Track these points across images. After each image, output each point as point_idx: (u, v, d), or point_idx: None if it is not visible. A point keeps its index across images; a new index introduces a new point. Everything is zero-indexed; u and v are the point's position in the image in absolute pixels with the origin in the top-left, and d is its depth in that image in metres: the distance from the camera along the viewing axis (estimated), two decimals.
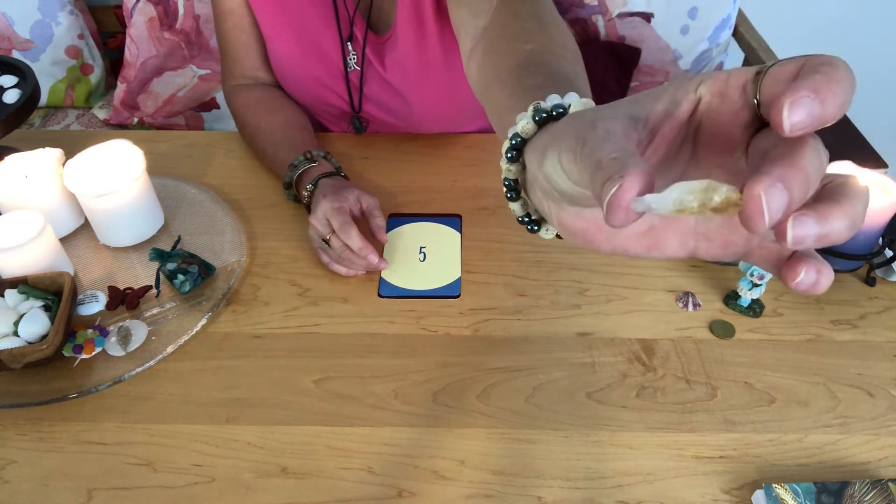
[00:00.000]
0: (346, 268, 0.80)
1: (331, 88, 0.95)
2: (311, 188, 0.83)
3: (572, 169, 0.29)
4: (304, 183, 0.84)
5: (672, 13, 1.49)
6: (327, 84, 0.95)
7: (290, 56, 0.94)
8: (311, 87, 0.96)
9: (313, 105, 1.00)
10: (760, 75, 0.27)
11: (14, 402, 0.67)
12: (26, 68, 0.94)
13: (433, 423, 0.66)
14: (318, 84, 0.95)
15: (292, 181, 0.86)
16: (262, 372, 0.70)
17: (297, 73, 0.96)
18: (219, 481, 0.62)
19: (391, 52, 0.91)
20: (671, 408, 0.67)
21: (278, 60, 0.96)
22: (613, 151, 0.27)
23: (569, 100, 0.36)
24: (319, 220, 0.79)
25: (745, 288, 0.74)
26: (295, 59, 0.94)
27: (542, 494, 0.60)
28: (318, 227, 0.79)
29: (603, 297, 0.78)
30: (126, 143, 0.83)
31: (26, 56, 1.55)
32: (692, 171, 0.31)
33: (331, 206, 0.79)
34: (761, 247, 0.30)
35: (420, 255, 0.83)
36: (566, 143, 0.30)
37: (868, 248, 0.76)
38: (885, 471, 0.62)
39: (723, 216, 0.29)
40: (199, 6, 1.50)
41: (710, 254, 0.31)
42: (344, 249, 0.78)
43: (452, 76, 0.91)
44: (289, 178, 0.86)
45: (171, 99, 1.56)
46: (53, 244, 0.76)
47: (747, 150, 0.29)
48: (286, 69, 0.96)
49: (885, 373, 0.70)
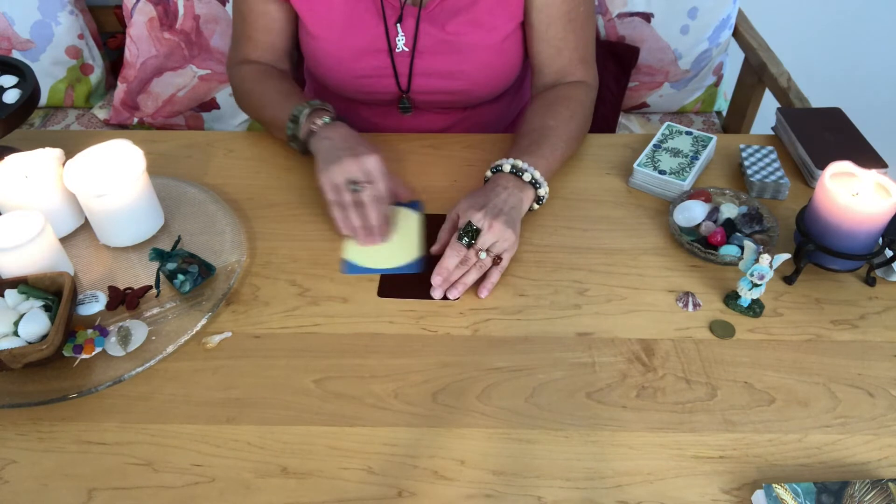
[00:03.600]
0: (364, 234, 0.83)
1: (377, 74, 0.98)
2: (328, 120, 0.88)
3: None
4: (317, 117, 0.89)
5: (672, 13, 1.49)
6: (374, 70, 0.97)
7: (338, 51, 0.97)
8: (356, 77, 0.98)
9: (358, 96, 1.02)
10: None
11: (14, 402, 0.67)
12: (26, 68, 0.94)
13: (433, 423, 0.66)
14: (365, 73, 0.98)
15: (301, 114, 0.89)
16: (262, 372, 0.70)
17: (344, 67, 0.98)
18: (219, 481, 0.62)
19: (447, 13, 0.95)
20: (671, 408, 0.67)
21: (325, 58, 0.98)
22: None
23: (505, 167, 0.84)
24: (354, 165, 0.81)
25: (745, 288, 0.74)
26: (342, 54, 0.96)
27: (542, 494, 0.60)
28: (352, 168, 0.81)
29: (603, 297, 0.78)
30: (126, 143, 0.83)
31: (26, 56, 1.55)
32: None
33: (368, 152, 0.82)
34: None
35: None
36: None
37: (868, 248, 0.76)
38: (885, 471, 0.62)
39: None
40: (199, 6, 1.50)
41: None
42: (372, 207, 0.82)
43: (501, 25, 0.95)
44: (299, 110, 0.89)
45: (171, 99, 1.56)
46: (53, 244, 0.76)
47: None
48: (333, 65, 0.98)
49: (885, 373, 0.70)
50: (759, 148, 0.95)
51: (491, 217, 0.77)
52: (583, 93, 0.97)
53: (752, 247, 0.73)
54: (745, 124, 1.53)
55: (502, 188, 0.82)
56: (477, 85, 1.00)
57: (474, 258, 0.77)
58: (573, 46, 0.97)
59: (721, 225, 0.83)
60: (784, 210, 0.88)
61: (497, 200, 0.80)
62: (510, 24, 0.95)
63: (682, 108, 1.64)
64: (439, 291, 0.77)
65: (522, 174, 0.83)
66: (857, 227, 0.73)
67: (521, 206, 0.82)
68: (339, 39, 0.96)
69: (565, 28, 0.95)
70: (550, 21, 0.94)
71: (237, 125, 1.61)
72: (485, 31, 0.95)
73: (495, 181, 0.83)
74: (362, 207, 0.82)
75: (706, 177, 0.94)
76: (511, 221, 0.79)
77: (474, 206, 0.79)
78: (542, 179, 0.84)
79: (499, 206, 0.79)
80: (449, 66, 0.97)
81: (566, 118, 0.93)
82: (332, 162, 0.82)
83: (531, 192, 0.84)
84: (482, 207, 0.78)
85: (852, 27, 1.84)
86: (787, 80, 1.34)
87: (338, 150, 0.83)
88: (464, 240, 0.77)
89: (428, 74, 0.98)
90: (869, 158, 0.89)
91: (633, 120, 1.63)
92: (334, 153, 0.83)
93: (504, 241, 0.78)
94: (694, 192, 0.87)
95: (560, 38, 0.96)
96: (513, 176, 0.84)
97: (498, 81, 1.01)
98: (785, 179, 0.89)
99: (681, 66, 1.54)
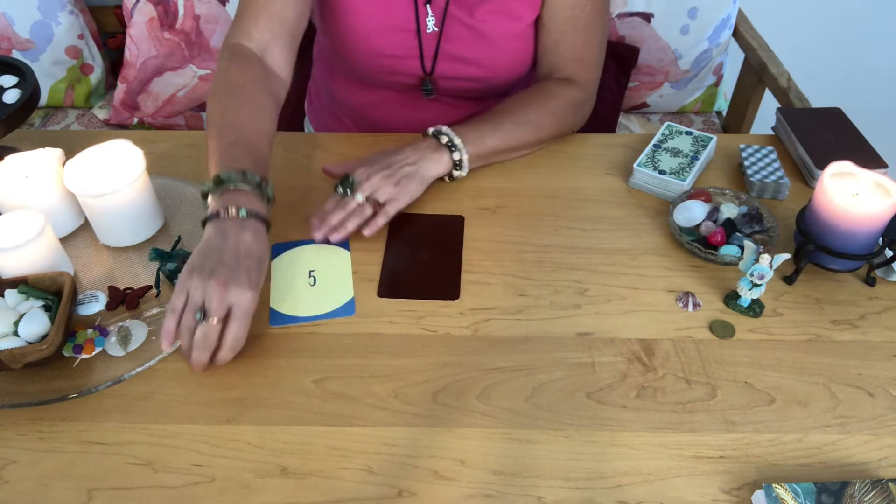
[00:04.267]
0: (189, 350, 0.67)
1: (402, 54, 0.98)
2: (244, 215, 0.72)
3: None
4: (238, 202, 0.72)
5: (672, 13, 1.49)
6: (399, 50, 0.98)
7: (367, 29, 0.97)
8: (382, 55, 0.99)
9: (380, 76, 1.02)
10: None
11: (14, 402, 0.67)
12: (26, 68, 0.94)
13: (433, 423, 0.66)
14: (389, 52, 0.98)
15: (228, 182, 0.74)
16: (262, 372, 0.70)
17: (372, 44, 0.98)
18: (219, 481, 0.62)
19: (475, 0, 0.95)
20: (671, 408, 0.67)
21: (354, 34, 0.98)
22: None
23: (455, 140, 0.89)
24: (218, 294, 0.66)
25: (745, 288, 0.74)
26: (371, 30, 0.97)
27: (542, 494, 0.60)
28: (213, 298, 0.66)
29: (603, 297, 0.78)
30: (126, 143, 0.83)
31: (26, 56, 1.55)
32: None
33: (248, 286, 0.68)
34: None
35: (310, 279, 0.80)
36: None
37: (868, 248, 0.76)
38: (885, 471, 0.62)
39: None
40: (199, 6, 1.50)
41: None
42: (206, 347, 0.67)
43: (524, 13, 0.96)
44: (228, 177, 0.74)
45: (171, 99, 1.56)
46: (53, 244, 0.76)
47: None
48: (360, 42, 0.98)
49: (885, 373, 0.70)
50: (759, 148, 0.95)
51: (370, 170, 0.84)
52: (560, 88, 0.97)
53: (752, 247, 0.73)
54: (745, 124, 1.53)
55: (412, 149, 0.87)
56: (499, 72, 1.01)
57: (353, 204, 0.82)
58: (570, 43, 0.97)
59: (721, 225, 0.83)
60: (784, 210, 0.88)
61: (393, 158, 0.86)
62: (532, 14, 0.97)
63: (682, 108, 1.64)
64: (319, 234, 0.81)
65: (440, 137, 0.88)
66: (857, 227, 0.73)
67: (426, 167, 0.86)
68: (371, 16, 0.96)
69: (566, 24, 0.96)
70: (554, 14, 0.96)
71: None
72: (510, 20, 0.96)
73: (413, 142, 0.89)
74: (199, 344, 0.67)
75: (706, 177, 0.94)
76: (400, 177, 0.84)
77: (364, 163, 0.85)
78: (461, 145, 0.88)
79: (389, 163, 0.85)
80: (474, 53, 0.98)
81: (526, 105, 0.95)
82: (200, 268, 0.67)
83: (446, 154, 0.88)
84: (369, 164, 0.85)
85: (852, 27, 1.84)
86: (787, 80, 1.34)
87: (219, 259, 0.68)
88: (339, 189, 0.83)
89: (453, 59, 0.99)
90: (869, 158, 0.89)
91: (633, 120, 1.63)
92: (214, 258, 0.68)
93: (383, 192, 0.83)
94: (694, 192, 0.87)
95: (559, 33, 0.97)
96: (431, 138, 0.89)
97: (519, 69, 1.02)
98: (785, 179, 0.90)
99: (681, 66, 1.54)
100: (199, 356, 0.67)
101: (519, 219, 0.87)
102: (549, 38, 0.98)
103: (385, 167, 0.84)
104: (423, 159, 0.86)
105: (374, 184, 0.83)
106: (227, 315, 0.67)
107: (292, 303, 0.77)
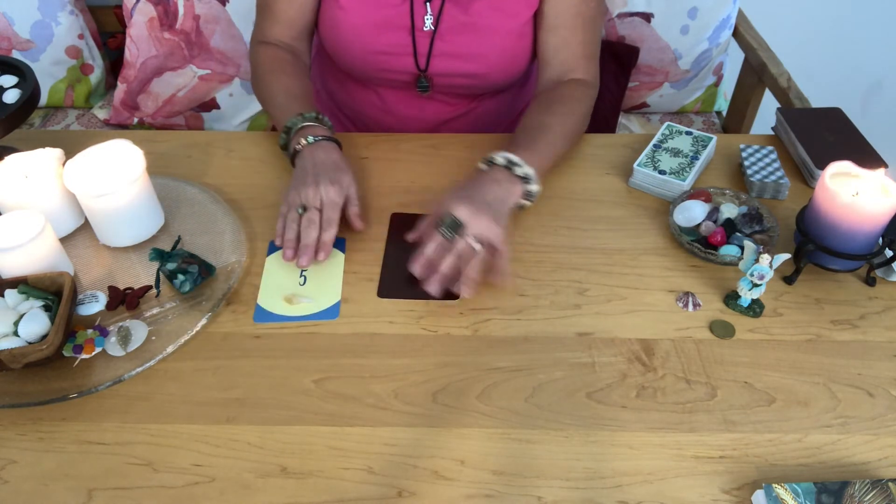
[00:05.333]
0: (290, 247, 0.79)
1: (396, 54, 0.98)
2: (312, 140, 0.87)
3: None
4: (304, 134, 0.88)
5: (672, 13, 1.49)
6: (393, 47, 0.98)
7: (360, 27, 0.97)
8: (376, 52, 0.99)
9: (373, 73, 1.02)
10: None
11: (14, 402, 0.67)
12: (26, 68, 0.94)
13: (433, 423, 0.66)
14: (384, 49, 0.98)
15: (294, 126, 0.90)
16: (262, 372, 0.70)
17: (365, 42, 0.98)
18: (219, 481, 0.62)
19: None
20: (671, 408, 0.67)
21: (346, 32, 0.98)
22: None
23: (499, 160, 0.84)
24: (312, 192, 0.81)
25: (745, 288, 0.74)
26: (365, 28, 0.97)
27: (542, 494, 0.60)
28: (308, 195, 0.81)
29: (603, 297, 0.78)
30: (126, 143, 0.83)
31: (26, 56, 1.55)
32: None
33: (330, 183, 0.82)
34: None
35: (301, 278, 0.80)
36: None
37: (868, 248, 0.76)
38: (885, 471, 0.62)
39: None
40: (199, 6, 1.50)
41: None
42: (312, 228, 0.80)
43: (521, 11, 0.96)
44: (292, 122, 0.90)
45: (171, 99, 1.56)
46: (53, 244, 0.76)
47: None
48: (353, 40, 0.99)
49: (885, 373, 0.70)
50: (759, 148, 0.95)
51: (475, 209, 0.76)
52: (582, 92, 0.98)
53: (752, 247, 0.73)
54: (745, 124, 1.53)
55: (491, 181, 0.81)
56: (494, 69, 1.00)
57: (467, 249, 0.75)
58: (580, 41, 0.97)
59: (721, 225, 0.83)
60: (784, 210, 0.88)
61: (482, 192, 0.79)
62: (528, 11, 0.97)
63: (682, 108, 1.64)
64: (433, 287, 0.74)
65: (515, 168, 0.83)
66: (857, 227, 0.73)
67: (508, 200, 0.81)
68: (366, 12, 0.96)
69: (574, 21, 0.96)
70: (561, 12, 0.96)
71: (237, 125, 1.61)
72: (506, 16, 0.96)
73: (486, 174, 0.83)
74: (311, 231, 0.80)
75: (706, 177, 0.94)
76: (497, 214, 0.77)
77: (459, 199, 0.77)
78: (533, 175, 0.83)
79: (484, 198, 0.78)
80: (469, 49, 0.98)
81: (563, 115, 0.94)
82: (296, 184, 0.83)
83: (520, 187, 0.83)
84: (467, 199, 0.77)
85: (852, 27, 1.84)
86: (787, 80, 1.34)
87: (306, 175, 0.83)
88: (443, 231, 0.75)
89: (447, 55, 0.99)
90: (869, 158, 0.89)
91: (633, 120, 1.63)
92: (302, 176, 0.83)
93: (493, 233, 0.75)
94: (694, 192, 0.87)
95: (568, 31, 0.97)
96: (505, 170, 0.83)
97: (515, 66, 1.02)
98: (785, 179, 0.90)
99: (681, 66, 1.54)
100: (307, 237, 0.79)
101: (519, 219, 0.87)
102: (556, 36, 0.97)
103: (482, 203, 0.77)
104: (508, 196, 0.81)
105: (481, 224, 0.75)
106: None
107: (279, 301, 0.77)
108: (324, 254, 0.79)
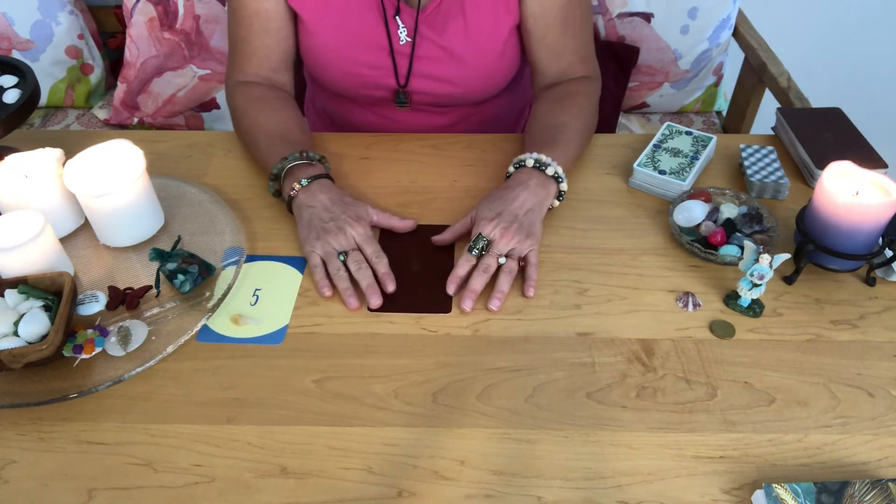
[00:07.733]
0: (351, 295, 0.76)
1: (375, 69, 0.97)
2: (305, 183, 0.83)
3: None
4: (296, 178, 0.84)
5: (672, 13, 1.49)
6: (372, 65, 0.97)
7: (335, 49, 0.96)
8: (354, 72, 0.98)
9: (353, 91, 1.02)
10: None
11: (14, 402, 0.67)
12: (26, 68, 0.94)
13: (433, 423, 0.66)
14: (362, 68, 0.97)
15: (281, 172, 0.86)
16: (262, 372, 0.70)
17: (341, 62, 0.97)
18: (219, 481, 0.62)
19: (443, 18, 0.94)
20: (671, 408, 0.67)
21: (322, 54, 0.97)
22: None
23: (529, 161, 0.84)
24: (343, 238, 0.79)
25: (745, 288, 0.74)
26: (340, 49, 0.96)
27: (542, 494, 0.60)
28: (339, 241, 0.79)
29: (603, 297, 0.78)
30: (126, 143, 0.83)
31: (26, 56, 1.55)
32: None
33: (354, 221, 0.80)
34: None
35: (252, 297, 0.78)
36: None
37: (868, 248, 0.76)
38: (885, 471, 0.62)
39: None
40: (199, 6, 1.50)
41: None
42: (364, 269, 0.77)
43: (498, 31, 0.95)
44: (278, 169, 0.86)
45: (171, 99, 1.56)
46: (53, 244, 0.76)
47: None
48: (330, 61, 0.98)
49: (885, 373, 0.70)
50: (759, 148, 0.95)
51: (503, 227, 0.78)
52: (587, 86, 0.98)
53: (752, 247, 0.73)
54: (745, 124, 1.53)
55: (523, 188, 0.82)
56: (474, 90, 1.00)
57: (495, 264, 0.77)
58: (572, 49, 0.97)
59: (721, 225, 0.83)
60: (784, 210, 0.88)
61: (514, 206, 0.80)
62: (507, 27, 0.95)
63: (682, 108, 1.64)
64: (467, 304, 0.75)
65: (546, 168, 0.83)
66: (857, 227, 0.73)
67: (542, 205, 0.82)
68: (338, 35, 0.95)
69: (563, 33, 0.95)
70: (548, 28, 0.95)
71: None
72: (482, 39, 0.95)
73: (517, 178, 0.83)
74: (364, 270, 0.78)
75: (706, 177, 0.94)
76: (528, 225, 0.79)
77: (487, 216, 0.79)
78: (563, 174, 0.84)
79: (514, 213, 0.79)
80: (447, 73, 0.97)
81: (576, 114, 0.93)
82: (316, 235, 0.80)
83: (554, 187, 0.84)
84: (496, 216, 0.79)
85: (852, 27, 1.84)
86: (787, 80, 1.34)
87: (322, 223, 0.80)
88: (473, 252, 0.78)
89: (425, 76, 0.98)
90: (869, 158, 0.89)
91: (633, 120, 1.63)
92: (318, 223, 0.80)
93: (523, 246, 0.78)
94: (694, 192, 0.87)
95: (558, 43, 0.96)
96: (536, 171, 0.84)
97: (496, 84, 1.01)
98: (785, 179, 0.90)
99: (681, 66, 1.54)
100: (364, 279, 0.77)
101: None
102: (548, 51, 0.96)
103: (512, 219, 0.79)
104: (542, 201, 0.82)
105: (510, 240, 0.78)
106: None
107: (226, 320, 0.75)
108: (391, 284, 0.77)
